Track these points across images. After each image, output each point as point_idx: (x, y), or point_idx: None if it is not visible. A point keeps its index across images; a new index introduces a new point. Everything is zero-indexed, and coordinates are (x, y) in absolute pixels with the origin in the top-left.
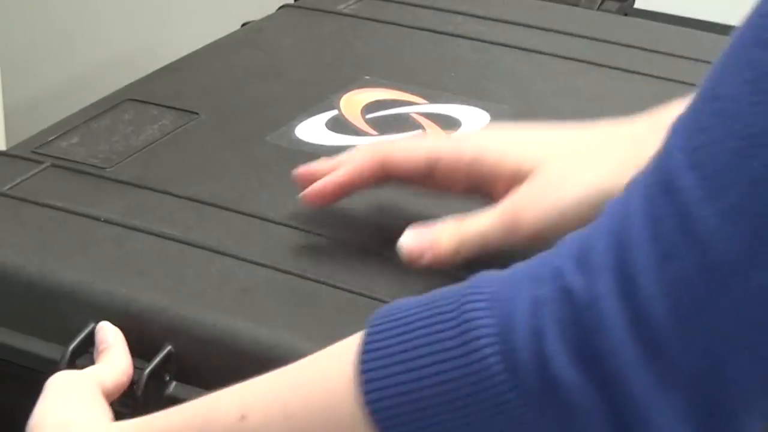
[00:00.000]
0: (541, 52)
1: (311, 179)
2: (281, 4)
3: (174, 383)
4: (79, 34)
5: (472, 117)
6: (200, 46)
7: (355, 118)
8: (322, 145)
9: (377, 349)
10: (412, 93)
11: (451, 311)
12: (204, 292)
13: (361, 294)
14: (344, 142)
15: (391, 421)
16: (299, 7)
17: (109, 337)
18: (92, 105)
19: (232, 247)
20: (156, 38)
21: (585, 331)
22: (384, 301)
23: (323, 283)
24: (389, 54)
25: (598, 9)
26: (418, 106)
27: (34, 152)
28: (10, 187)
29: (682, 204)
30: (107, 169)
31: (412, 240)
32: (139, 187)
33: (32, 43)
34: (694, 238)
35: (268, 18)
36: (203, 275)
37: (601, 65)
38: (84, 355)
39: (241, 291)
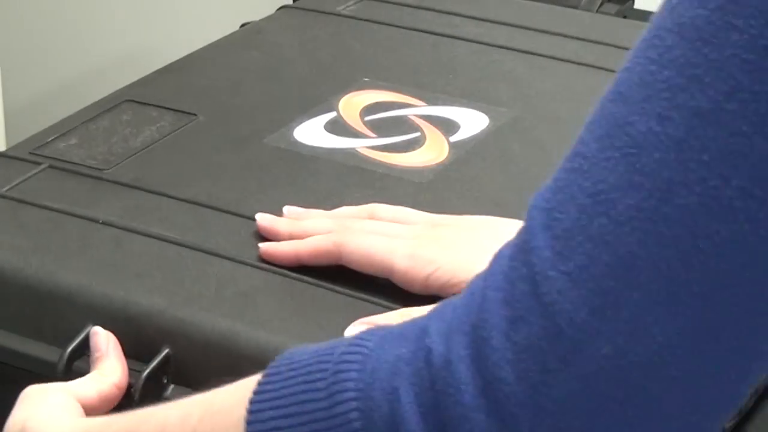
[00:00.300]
0: (539, 54)
1: (273, 236)
2: (280, 5)
3: (172, 386)
4: (79, 35)
5: (470, 119)
6: (199, 47)
7: (354, 120)
8: (320, 147)
9: (264, 392)
10: (411, 95)
11: (329, 362)
12: (202, 294)
13: (359, 298)
14: (343, 145)
15: None
16: (298, 8)
17: (102, 344)
18: (91, 106)
19: (230, 249)
20: (155, 39)
21: (438, 395)
22: (381, 305)
23: (321, 286)
24: (388, 56)
25: (597, 11)
26: (417, 108)
27: (32, 153)
28: (8, 189)
29: (533, 265)
30: (105, 171)
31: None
32: (138, 188)
33: (32, 44)
34: (541, 302)
35: (267, 19)
36: (201, 278)
37: (600, 67)
38: (82, 357)
39: (240, 294)
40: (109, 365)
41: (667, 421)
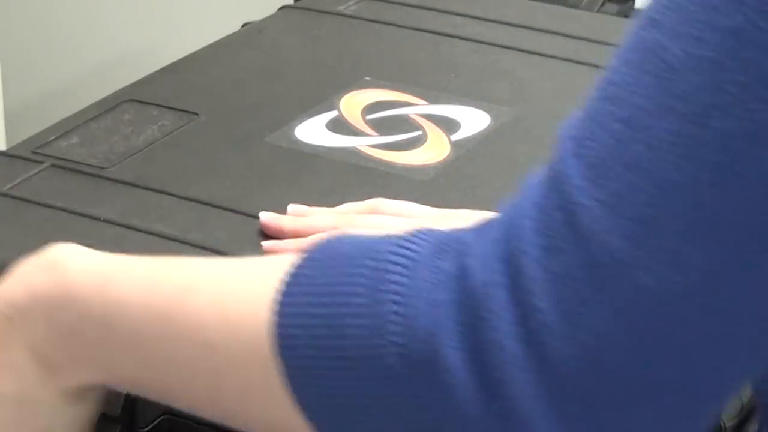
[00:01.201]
0: (541, 54)
1: (277, 234)
2: (281, 5)
3: None
4: (80, 34)
5: (471, 118)
6: (200, 46)
7: (355, 119)
8: (322, 146)
9: (301, 275)
10: (413, 94)
11: (380, 259)
12: None
13: None
14: (344, 143)
15: (290, 342)
16: (299, 7)
17: None
18: (92, 105)
19: (232, 247)
20: (156, 38)
21: (476, 319)
22: None
23: None
24: (389, 55)
25: (599, 11)
26: (418, 107)
27: (34, 152)
28: (11, 187)
29: (567, 194)
30: (107, 169)
31: None
32: (139, 187)
33: (32, 43)
34: (577, 231)
35: (269, 19)
36: None
37: (601, 67)
38: None
39: None
40: None
41: (702, 357)
